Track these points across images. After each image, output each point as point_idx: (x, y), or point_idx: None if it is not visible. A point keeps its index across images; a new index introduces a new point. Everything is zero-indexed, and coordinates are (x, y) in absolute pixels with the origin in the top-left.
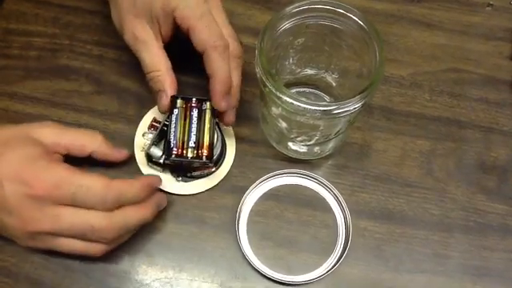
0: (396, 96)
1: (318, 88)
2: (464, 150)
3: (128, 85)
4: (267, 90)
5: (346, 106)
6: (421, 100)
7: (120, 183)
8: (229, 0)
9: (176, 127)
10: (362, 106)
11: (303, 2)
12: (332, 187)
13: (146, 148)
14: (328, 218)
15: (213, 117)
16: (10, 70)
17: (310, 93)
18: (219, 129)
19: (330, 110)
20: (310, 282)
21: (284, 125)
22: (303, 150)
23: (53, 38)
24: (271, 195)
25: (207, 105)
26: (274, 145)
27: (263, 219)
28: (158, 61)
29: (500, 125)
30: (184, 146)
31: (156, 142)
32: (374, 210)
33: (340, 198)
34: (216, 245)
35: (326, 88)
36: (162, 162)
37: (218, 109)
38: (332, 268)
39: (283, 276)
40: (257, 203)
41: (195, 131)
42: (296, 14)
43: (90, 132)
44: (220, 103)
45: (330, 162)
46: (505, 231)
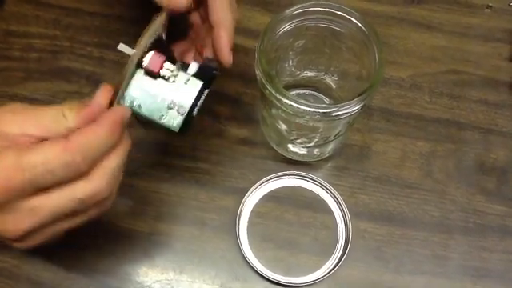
0: (396, 98)
1: (317, 90)
2: (463, 151)
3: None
4: (267, 92)
5: (346, 108)
6: (420, 102)
7: (80, 138)
8: None
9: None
10: (362, 107)
11: (303, 5)
12: (332, 189)
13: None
14: (328, 219)
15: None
16: (11, 72)
17: (310, 95)
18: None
19: (329, 112)
20: (311, 284)
21: (284, 127)
22: (303, 151)
23: (53, 40)
24: (271, 197)
25: None
26: (274, 147)
27: (263, 221)
28: None
29: (499, 126)
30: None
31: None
32: (374, 211)
33: (340, 199)
34: (216, 246)
35: (325, 90)
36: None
37: (223, 62)
38: (332, 269)
39: (283, 277)
40: (257, 205)
41: None
42: (296, 16)
43: (55, 111)
44: (229, 56)
45: (329, 164)
46: (504, 232)
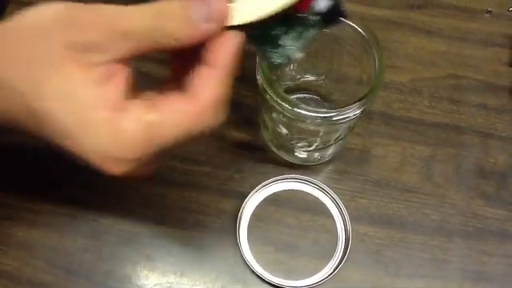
0: (396, 102)
1: (318, 94)
2: (463, 155)
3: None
4: (268, 96)
5: (346, 113)
6: (420, 106)
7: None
8: None
9: None
10: (362, 112)
11: None
12: (332, 192)
13: None
14: (328, 223)
15: None
16: None
17: (310, 99)
18: None
19: (329, 117)
20: (311, 287)
21: (284, 131)
22: (303, 155)
23: None
24: (272, 200)
25: None
26: (275, 150)
27: (264, 224)
28: None
29: (499, 130)
30: None
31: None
32: (374, 215)
33: (340, 203)
34: (217, 249)
35: (326, 94)
36: None
37: None
38: (332, 273)
39: (284, 280)
40: (257, 208)
41: None
42: None
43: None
44: None
45: (330, 168)
46: (504, 236)
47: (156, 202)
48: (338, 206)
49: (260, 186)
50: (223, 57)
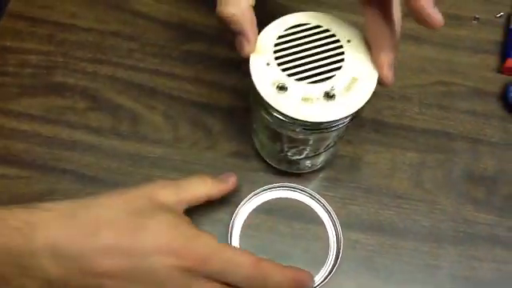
0: (386, 109)
1: None
2: (453, 161)
3: (122, 101)
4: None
5: (335, 121)
6: (410, 113)
7: (270, 266)
8: None
9: None
10: (351, 120)
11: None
12: (323, 200)
13: None
14: (320, 230)
15: None
16: (6, 88)
17: None
18: None
19: (319, 124)
20: None
21: (275, 139)
22: (294, 163)
23: (48, 56)
24: (264, 209)
25: None
26: (266, 159)
27: (256, 233)
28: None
29: (488, 136)
30: None
31: None
32: (365, 222)
33: (331, 210)
34: None
35: None
36: None
37: (384, 82)
38: (324, 280)
39: None
40: (249, 217)
41: None
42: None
43: (198, 179)
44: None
45: (321, 175)
46: (494, 241)
47: None
48: (329, 213)
49: (251, 194)
50: None
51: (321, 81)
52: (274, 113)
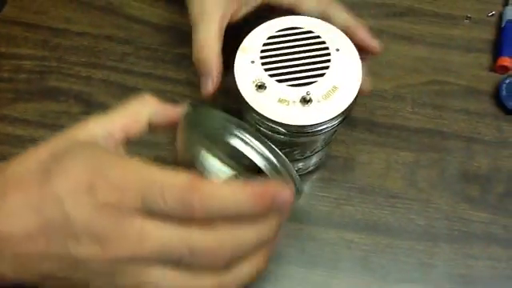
0: (379, 109)
1: None
2: (447, 160)
3: (116, 105)
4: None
5: (324, 124)
6: (403, 112)
7: (210, 185)
8: None
9: None
10: (338, 124)
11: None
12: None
13: None
14: (314, 230)
15: None
16: (1, 93)
17: None
18: None
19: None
20: None
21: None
22: None
23: (42, 61)
24: None
25: None
26: None
27: None
28: (209, 41)
29: (482, 134)
30: None
31: None
32: (360, 222)
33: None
34: None
35: None
36: None
37: (374, 50)
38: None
39: None
40: None
41: None
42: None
43: (137, 99)
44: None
45: (315, 176)
46: (489, 239)
47: None
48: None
49: None
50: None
51: (300, 85)
52: (250, 111)
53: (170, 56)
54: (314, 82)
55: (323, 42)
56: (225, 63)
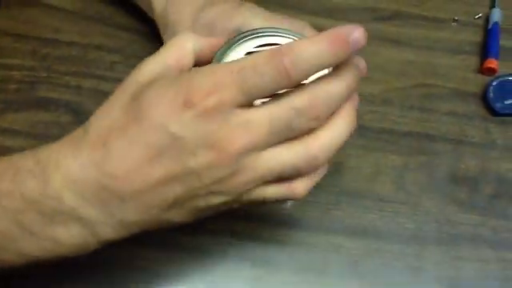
0: (367, 113)
1: None
2: (435, 163)
3: None
4: None
5: None
6: (392, 116)
7: (292, 46)
8: None
9: None
10: None
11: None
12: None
13: None
14: (304, 235)
15: None
16: None
17: None
18: None
19: None
20: None
21: None
22: None
23: (31, 71)
24: (247, 216)
25: None
26: None
27: (241, 241)
28: None
29: (469, 137)
30: None
31: None
32: (349, 226)
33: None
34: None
35: None
36: None
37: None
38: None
39: None
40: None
41: None
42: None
43: (177, 37)
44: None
45: None
46: (477, 241)
47: None
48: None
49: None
50: None
51: None
52: None
53: None
54: None
55: None
56: None
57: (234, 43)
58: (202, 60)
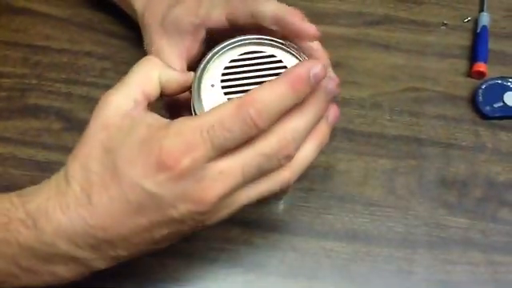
0: (357, 117)
1: None
2: (425, 166)
3: None
4: None
5: None
6: (381, 120)
7: (254, 93)
8: None
9: None
10: None
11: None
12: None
13: None
14: (295, 240)
15: None
16: None
17: None
18: None
19: None
20: None
21: None
22: None
23: (22, 78)
24: (238, 221)
25: None
26: None
27: (232, 246)
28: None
29: (459, 140)
30: None
31: None
32: (339, 230)
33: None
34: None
35: None
36: None
37: (311, 35)
38: None
39: None
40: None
41: None
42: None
43: (142, 62)
44: (304, 27)
45: (295, 187)
46: (467, 244)
47: None
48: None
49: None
50: None
51: None
52: None
53: None
54: None
55: (285, 67)
56: None
57: (217, 52)
58: (169, 87)
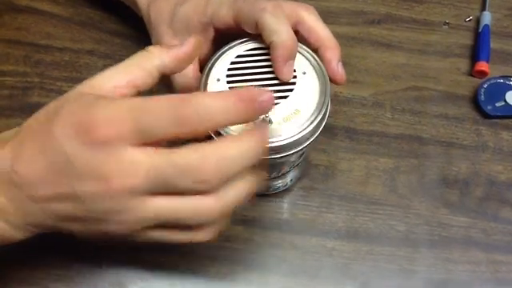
0: (359, 116)
1: None
2: (426, 165)
3: None
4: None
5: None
6: (383, 119)
7: (200, 97)
8: None
9: None
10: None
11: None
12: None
13: None
14: (296, 239)
15: None
16: None
17: None
18: None
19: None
20: None
21: None
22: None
23: (24, 77)
24: (239, 220)
25: None
26: None
27: (232, 244)
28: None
29: (460, 139)
30: None
31: None
32: (341, 229)
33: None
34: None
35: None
36: None
37: (337, 80)
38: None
39: None
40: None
41: None
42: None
43: (140, 52)
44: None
45: (296, 185)
46: (468, 243)
47: None
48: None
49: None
50: None
51: None
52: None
53: None
54: (276, 103)
55: None
56: None
57: (226, 51)
58: (173, 73)
